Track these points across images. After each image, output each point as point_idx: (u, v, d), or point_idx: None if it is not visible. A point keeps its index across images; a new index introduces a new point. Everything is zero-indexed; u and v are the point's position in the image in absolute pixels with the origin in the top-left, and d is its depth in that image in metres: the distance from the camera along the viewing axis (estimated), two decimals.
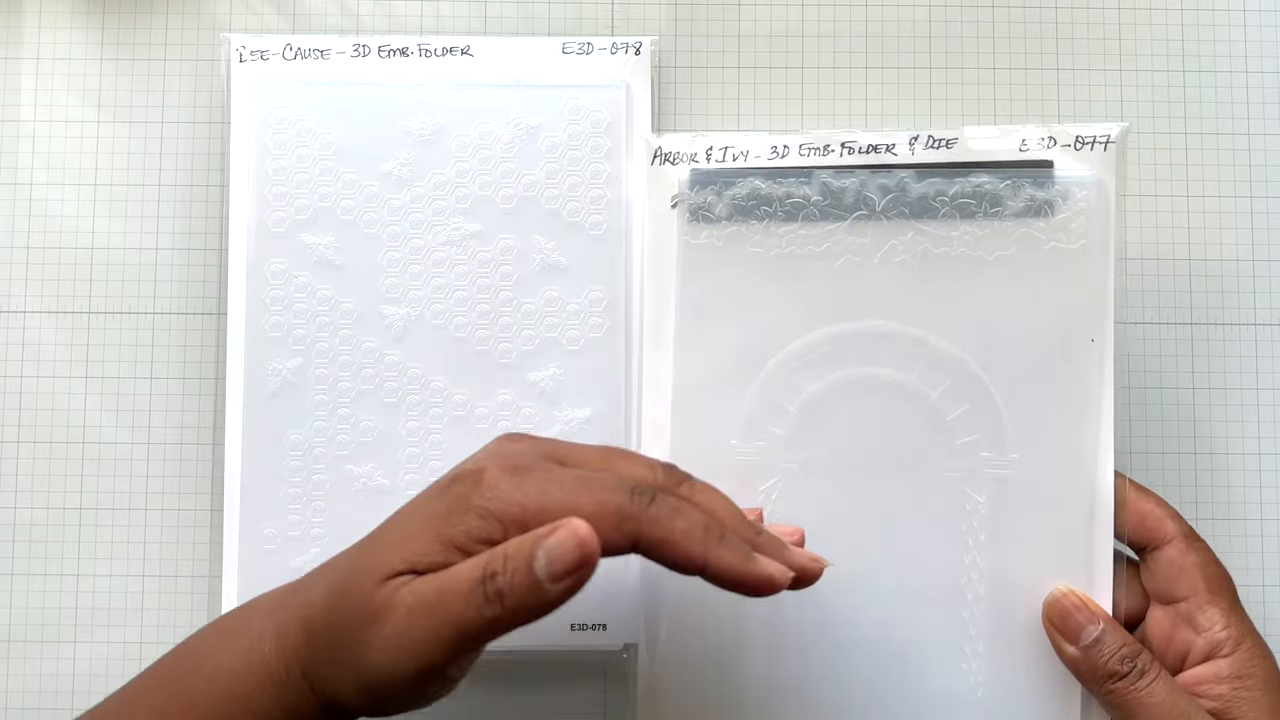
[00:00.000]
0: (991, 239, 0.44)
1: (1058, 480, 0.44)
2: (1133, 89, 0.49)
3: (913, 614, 0.44)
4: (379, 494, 0.46)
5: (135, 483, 0.48)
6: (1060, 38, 0.49)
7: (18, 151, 0.49)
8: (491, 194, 0.47)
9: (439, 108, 0.47)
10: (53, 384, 0.48)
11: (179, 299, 0.48)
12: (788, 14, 0.49)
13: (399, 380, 0.47)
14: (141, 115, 0.49)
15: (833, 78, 0.49)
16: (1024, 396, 0.44)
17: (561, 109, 0.47)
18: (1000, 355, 0.44)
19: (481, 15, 0.49)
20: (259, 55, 0.48)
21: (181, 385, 0.48)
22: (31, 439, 0.48)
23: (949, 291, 0.44)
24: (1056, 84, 0.49)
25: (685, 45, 0.49)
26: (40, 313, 0.48)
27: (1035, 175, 0.44)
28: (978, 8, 0.50)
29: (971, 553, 0.44)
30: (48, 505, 0.48)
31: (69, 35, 0.49)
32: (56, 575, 0.48)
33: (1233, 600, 0.42)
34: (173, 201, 0.49)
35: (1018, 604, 0.44)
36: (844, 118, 0.49)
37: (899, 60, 0.49)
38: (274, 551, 0.46)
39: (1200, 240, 0.49)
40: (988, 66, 0.49)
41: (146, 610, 0.47)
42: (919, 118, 0.49)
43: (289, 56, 0.48)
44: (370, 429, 0.46)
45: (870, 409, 0.44)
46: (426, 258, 0.47)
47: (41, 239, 0.49)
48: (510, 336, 0.47)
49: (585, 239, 0.47)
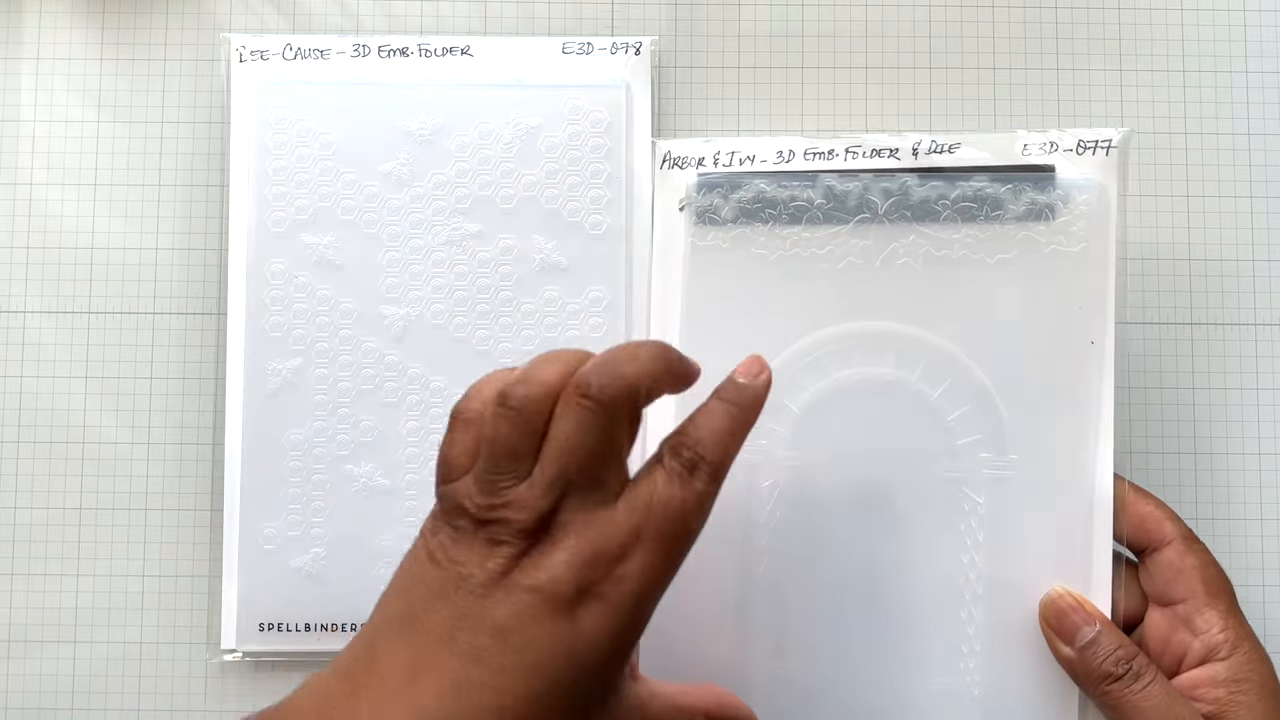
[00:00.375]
0: (992, 242, 0.44)
1: (1057, 481, 0.44)
2: (1133, 89, 0.49)
3: (911, 613, 0.44)
4: (379, 494, 0.46)
5: (135, 483, 0.48)
6: (1060, 38, 0.49)
7: (18, 151, 0.49)
8: (491, 194, 0.47)
9: (439, 108, 0.47)
10: (53, 384, 0.48)
11: (179, 299, 0.48)
12: (788, 14, 0.49)
13: (399, 380, 0.47)
14: (141, 115, 0.49)
15: (833, 78, 0.49)
16: (1024, 398, 0.44)
17: (561, 109, 0.47)
18: (1000, 357, 0.44)
19: (481, 15, 0.49)
20: (259, 55, 0.48)
21: (181, 385, 0.48)
22: (31, 439, 0.48)
23: (950, 294, 0.44)
24: (1056, 85, 0.49)
25: (685, 45, 0.49)
26: (40, 313, 0.48)
27: (1036, 179, 0.44)
28: (978, 8, 0.49)
29: (970, 553, 0.44)
30: (48, 505, 0.48)
31: (69, 35, 0.49)
32: (56, 575, 0.48)
33: (1231, 603, 0.42)
34: (173, 201, 0.49)
35: (1016, 604, 0.44)
36: (844, 118, 0.49)
37: (899, 60, 0.49)
38: (274, 551, 0.46)
39: (1200, 240, 0.49)
40: (988, 67, 0.49)
41: (146, 610, 0.47)
42: (919, 118, 0.49)
43: (289, 56, 0.48)
44: (370, 429, 0.46)
45: (871, 409, 0.44)
46: (426, 258, 0.47)
47: (41, 239, 0.49)
48: (510, 336, 0.47)
49: (585, 239, 0.47)
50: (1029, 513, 0.44)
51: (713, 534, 0.36)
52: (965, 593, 0.44)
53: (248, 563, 0.46)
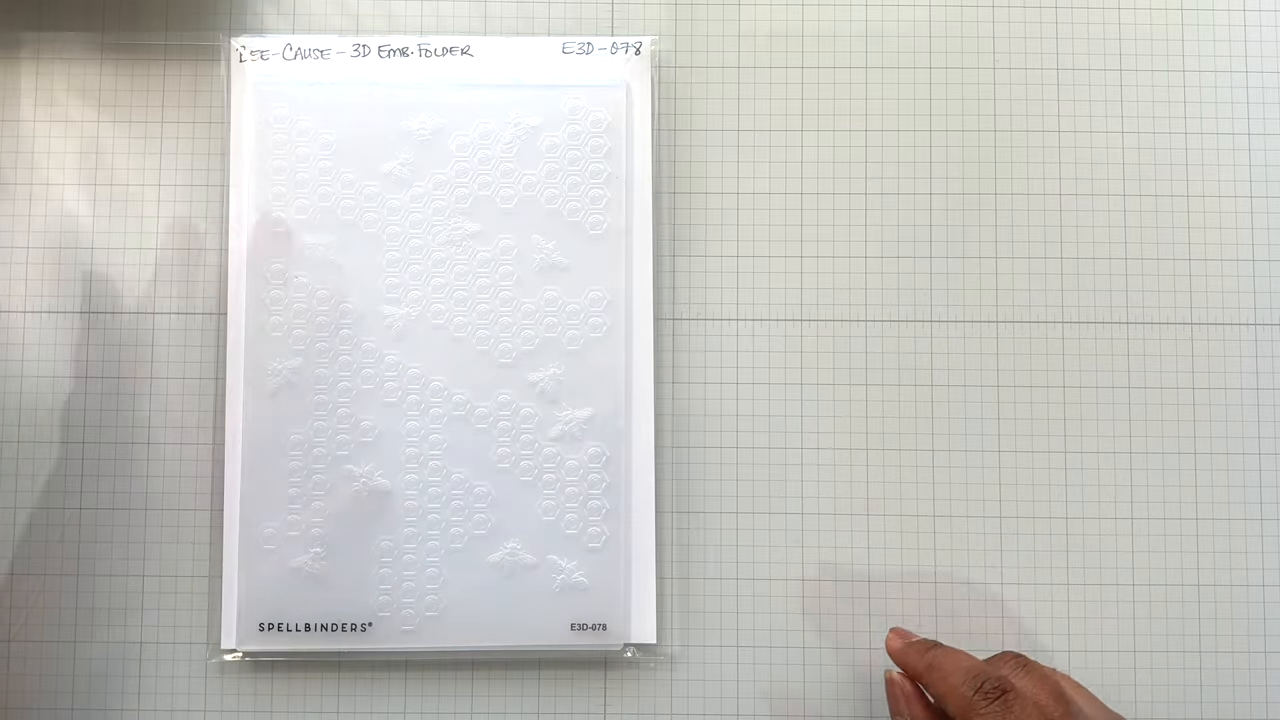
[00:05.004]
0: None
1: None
2: (1133, 89, 0.49)
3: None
4: (379, 494, 0.46)
5: (135, 483, 0.48)
6: (1060, 38, 0.49)
7: (18, 151, 0.49)
8: (491, 194, 0.47)
9: (439, 108, 0.47)
10: (53, 384, 0.48)
11: (179, 299, 0.48)
12: (788, 14, 0.49)
13: (399, 380, 0.47)
14: (141, 115, 0.49)
15: (833, 78, 0.49)
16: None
17: (561, 109, 0.47)
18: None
19: (481, 15, 0.49)
20: (259, 55, 0.48)
21: (181, 385, 0.48)
22: (31, 439, 0.48)
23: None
24: (1056, 85, 0.49)
25: (685, 45, 0.49)
26: (40, 313, 0.48)
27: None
28: (978, 8, 0.49)
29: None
30: (48, 505, 0.48)
31: (69, 35, 0.49)
32: (56, 575, 0.48)
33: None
34: (173, 201, 0.49)
35: None
36: (844, 117, 0.49)
37: (899, 60, 0.49)
38: (274, 551, 0.46)
39: (1200, 240, 0.49)
40: (988, 66, 0.49)
41: (146, 610, 0.47)
42: (919, 117, 0.49)
43: (289, 56, 0.48)
44: (370, 428, 0.46)
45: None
46: (426, 257, 0.47)
47: (41, 239, 0.49)
48: (510, 336, 0.47)
49: (585, 239, 0.47)
50: None
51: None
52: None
53: (248, 562, 0.46)
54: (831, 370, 0.48)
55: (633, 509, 0.47)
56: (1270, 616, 0.47)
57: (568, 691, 0.47)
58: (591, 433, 0.47)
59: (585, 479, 0.47)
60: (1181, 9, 0.50)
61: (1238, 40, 0.49)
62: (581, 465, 0.47)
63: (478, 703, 0.47)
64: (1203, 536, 0.48)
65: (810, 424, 0.48)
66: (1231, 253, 0.49)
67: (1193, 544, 0.47)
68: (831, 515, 0.47)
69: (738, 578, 0.47)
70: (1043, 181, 0.49)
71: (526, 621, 0.46)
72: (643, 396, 0.47)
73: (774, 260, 0.48)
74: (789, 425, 0.48)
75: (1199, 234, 0.49)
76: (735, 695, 0.47)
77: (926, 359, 0.48)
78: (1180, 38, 0.49)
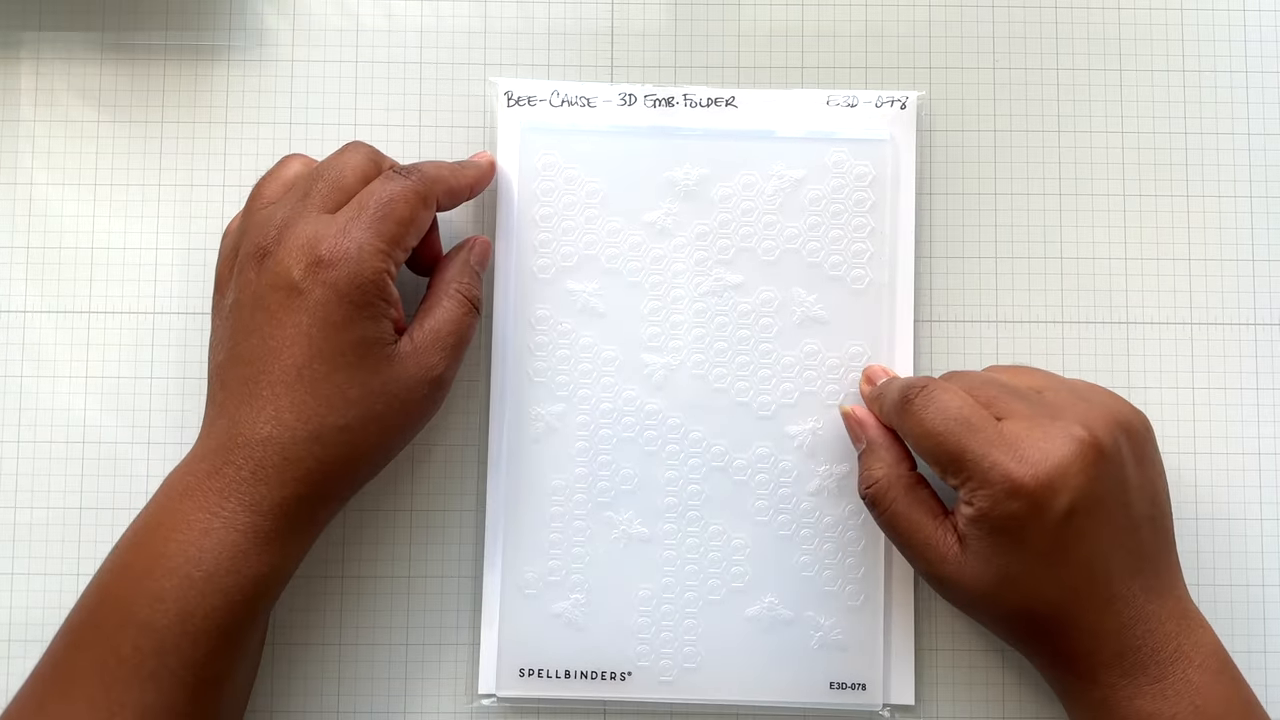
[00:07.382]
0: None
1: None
2: (1133, 89, 0.49)
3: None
4: (637, 541, 0.46)
5: (135, 483, 0.48)
6: (1060, 38, 0.49)
7: (18, 151, 0.49)
8: (753, 245, 0.47)
9: (703, 158, 0.47)
10: (53, 384, 0.48)
11: (179, 299, 0.48)
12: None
13: (659, 429, 0.47)
14: (141, 115, 0.49)
15: (833, 78, 0.49)
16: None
17: (825, 162, 0.47)
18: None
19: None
20: (526, 101, 0.48)
21: (181, 385, 0.48)
22: (31, 439, 0.48)
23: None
24: (1056, 85, 0.49)
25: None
26: (40, 313, 0.48)
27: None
28: (978, 8, 0.49)
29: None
30: (48, 505, 0.48)
31: (69, 35, 0.49)
32: (56, 575, 0.48)
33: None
34: (173, 201, 0.49)
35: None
36: None
37: (900, 60, 0.49)
38: (535, 596, 0.46)
39: (1200, 240, 0.49)
40: (988, 66, 0.49)
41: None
42: (919, 117, 0.49)
43: (555, 103, 0.48)
44: (630, 476, 0.46)
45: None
46: (687, 307, 0.47)
47: (41, 239, 0.49)
48: (770, 389, 0.47)
49: (846, 293, 0.47)
50: None
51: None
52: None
53: (510, 608, 0.46)
54: None
55: (894, 565, 0.47)
56: (1270, 616, 0.47)
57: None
58: (850, 489, 0.46)
59: (843, 535, 0.46)
60: (1181, 9, 0.50)
61: (1238, 40, 0.49)
62: (839, 521, 0.46)
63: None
64: (1203, 536, 0.48)
65: None
66: (1231, 253, 0.49)
67: (1193, 544, 0.47)
68: None
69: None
70: (1042, 181, 0.49)
71: (785, 677, 0.46)
72: None
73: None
74: None
75: (1199, 234, 0.49)
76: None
77: (926, 359, 0.48)
78: (1180, 38, 0.49)
